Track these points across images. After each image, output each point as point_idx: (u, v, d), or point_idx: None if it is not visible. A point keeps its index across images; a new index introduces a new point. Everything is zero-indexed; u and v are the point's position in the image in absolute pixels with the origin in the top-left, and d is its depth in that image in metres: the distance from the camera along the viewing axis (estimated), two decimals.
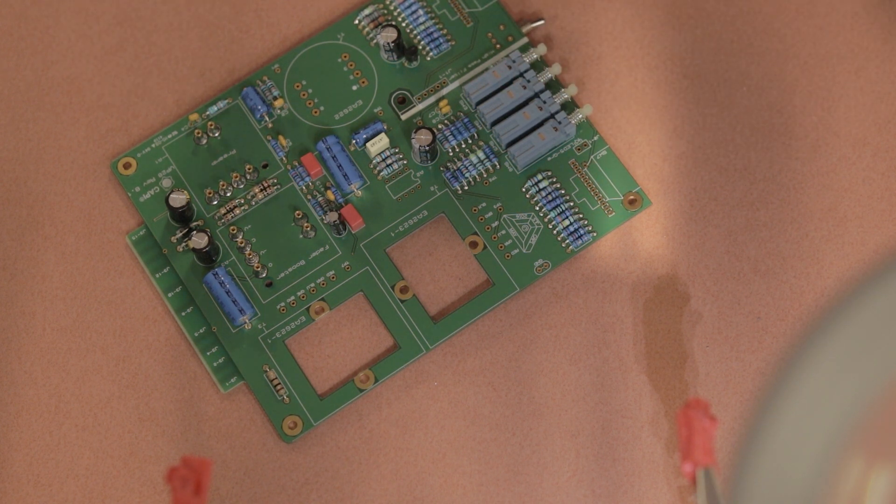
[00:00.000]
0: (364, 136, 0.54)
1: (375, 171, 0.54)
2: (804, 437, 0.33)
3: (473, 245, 0.53)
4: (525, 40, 0.55)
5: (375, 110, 0.55)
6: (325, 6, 0.57)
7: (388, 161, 0.54)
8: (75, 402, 0.52)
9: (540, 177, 0.53)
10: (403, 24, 0.55)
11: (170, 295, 0.53)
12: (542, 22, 0.56)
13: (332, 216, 0.52)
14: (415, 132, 0.53)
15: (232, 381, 0.52)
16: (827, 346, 0.33)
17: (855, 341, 0.33)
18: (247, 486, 0.51)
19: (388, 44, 0.54)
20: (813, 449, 0.33)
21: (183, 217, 0.53)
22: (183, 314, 0.53)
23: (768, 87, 0.55)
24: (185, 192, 0.53)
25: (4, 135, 0.55)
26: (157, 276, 0.53)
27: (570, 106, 0.54)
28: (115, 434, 0.52)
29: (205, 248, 0.52)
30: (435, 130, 0.54)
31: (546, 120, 0.54)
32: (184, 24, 0.56)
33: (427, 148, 0.53)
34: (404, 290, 0.53)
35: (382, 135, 0.54)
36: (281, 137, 0.54)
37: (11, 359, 0.53)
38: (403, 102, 0.55)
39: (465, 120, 0.54)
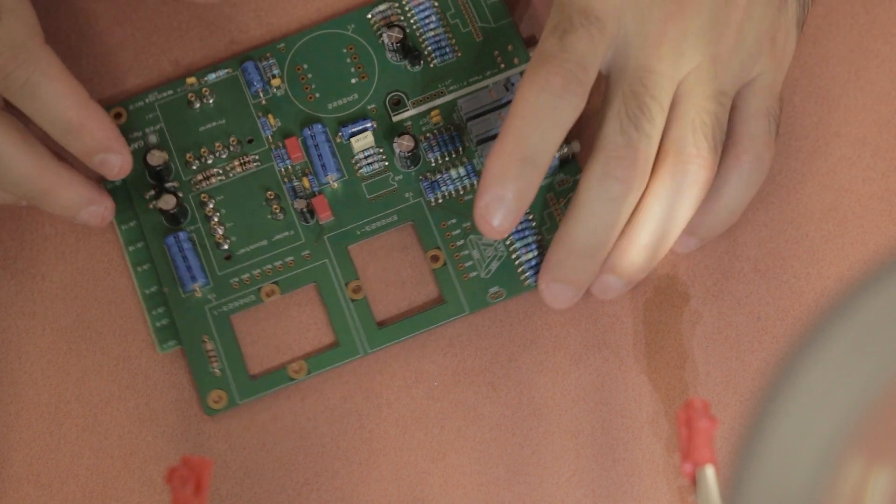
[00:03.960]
0: (350, 131, 0.54)
1: (356, 167, 0.54)
2: (804, 437, 0.33)
3: (435, 259, 0.53)
4: None
5: (369, 107, 0.54)
6: None
7: (370, 160, 0.54)
8: (75, 402, 0.52)
9: None
10: (414, 27, 0.55)
11: (131, 248, 0.53)
12: None
13: (301, 203, 0.53)
14: (398, 136, 0.53)
15: (170, 343, 0.52)
16: (827, 346, 0.33)
17: (855, 341, 0.33)
18: (247, 486, 0.51)
19: (393, 43, 0.54)
20: (813, 449, 0.33)
21: (159, 176, 0.53)
22: (139, 269, 0.53)
23: None
24: (165, 151, 0.53)
25: None
26: (124, 227, 0.54)
27: None
28: (115, 434, 0.52)
29: (171, 209, 0.52)
30: (419, 138, 0.53)
31: None
32: (184, 25, 0.56)
33: (407, 154, 0.53)
34: (357, 289, 0.52)
35: (368, 133, 0.54)
36: (270, 116, 0.54)
37: (11, 359, 0.53)
38: (398, 104, 0.54)
39: (454, 133, 0.54)
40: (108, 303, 0.53)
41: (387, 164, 0.54)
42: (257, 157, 0.54)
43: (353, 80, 0.55)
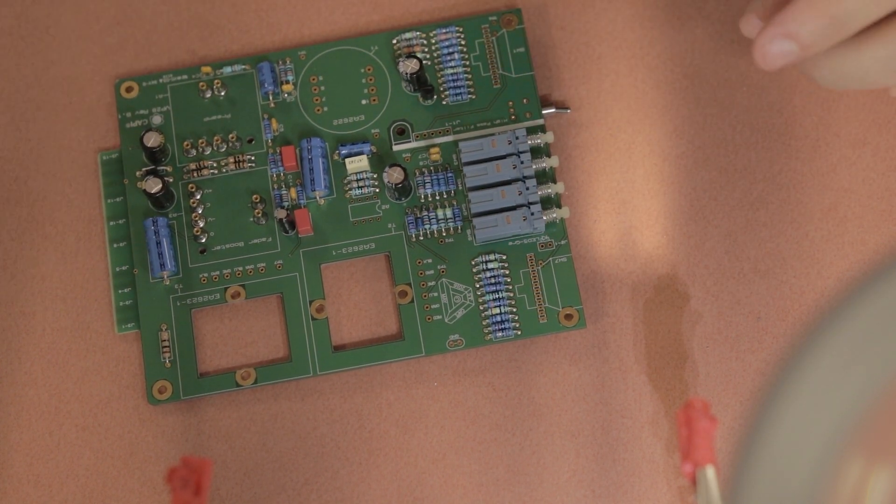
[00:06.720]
0: (347, 151, 0.54)
1: (346, 188, 0.53)
2: (804, 437, 0.33)
3: (403, 294, 0.52)
4: (540, 122, 0.54)
5: (372, 131, 0.54)
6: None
7: (362, 183, 0.53)
8: (75, 402, 0.52)
9: (493, 257, 0.52)
10: (435, 61, 0.55)
11: (111, 223, 0.53)
12: (568, 111, 0.55)
13: (281, 213, 0.52)
14: (389, 167, 0.52)
15: (129, 325, 0.52)
16: (826, 346, 0.33)
17: (855, 341, 0.33)
18: (247, 486, 0.51)
19: (407, 74, 0.54)
20: (813, 449, 0.33)
21: (154, 157, 0.54)
22: (115, 245, 0.53)
23: (768, 87, 0.55)
24: (163, 135, 0.54)
25: (4, 135, 0.55)
26: (109, 201, 0.54)
27: (550, 202, 0.53)
28: (115, 434, 0.52)
29: (156, 193, 0.53)
30: (416, 172, 0.53)
31: (520, 206, 0.52)
32: (183, 25, 0.56)
33: (395, 186, 0.52)
34: (320, 309, 0.52)
35: (364, 156, 0.53)
36: (274, 120, 0.54)
37: (11, 359, 0.53)
38: (402, 134, 0.54)
39: (450, 174, 0.53)
40: (108, 302, 0.53)
41: (377, 190, 0.53)
42: (253, 158, 0.54)
43: (364, 102, 0.55)
